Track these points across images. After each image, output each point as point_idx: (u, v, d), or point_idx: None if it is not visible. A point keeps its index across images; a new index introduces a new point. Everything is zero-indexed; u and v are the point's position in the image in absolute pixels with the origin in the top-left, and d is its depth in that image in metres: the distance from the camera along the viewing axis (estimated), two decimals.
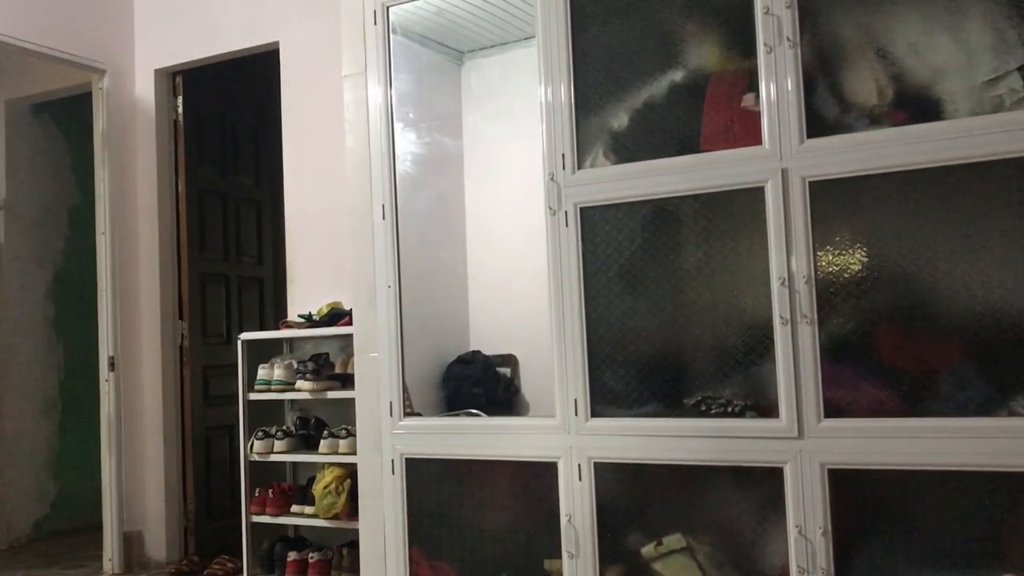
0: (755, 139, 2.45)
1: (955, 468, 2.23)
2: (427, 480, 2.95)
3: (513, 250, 3.56)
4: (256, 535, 4.02)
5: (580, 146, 2.69)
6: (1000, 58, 2.22)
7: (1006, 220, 2.23)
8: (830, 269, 2.37)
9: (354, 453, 3.34)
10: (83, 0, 4.59)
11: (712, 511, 2.55)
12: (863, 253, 2.36)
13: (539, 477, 2.73)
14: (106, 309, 4.50)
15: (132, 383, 4.63)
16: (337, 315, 3.92)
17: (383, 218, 3.02)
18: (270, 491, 3.94)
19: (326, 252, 4.15)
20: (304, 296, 4.24)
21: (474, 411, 3.25)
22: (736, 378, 2.50)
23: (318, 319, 3.96)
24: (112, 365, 4.49)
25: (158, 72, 4.76)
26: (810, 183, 2.37)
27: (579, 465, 2.65)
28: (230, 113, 5.15)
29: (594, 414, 2.64)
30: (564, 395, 2.68)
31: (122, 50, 4.75)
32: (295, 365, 3.95)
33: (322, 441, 3.78)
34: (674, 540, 2.54)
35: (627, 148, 2.66)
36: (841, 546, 2.32)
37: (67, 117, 5.60)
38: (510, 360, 3.65)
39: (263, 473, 4.07)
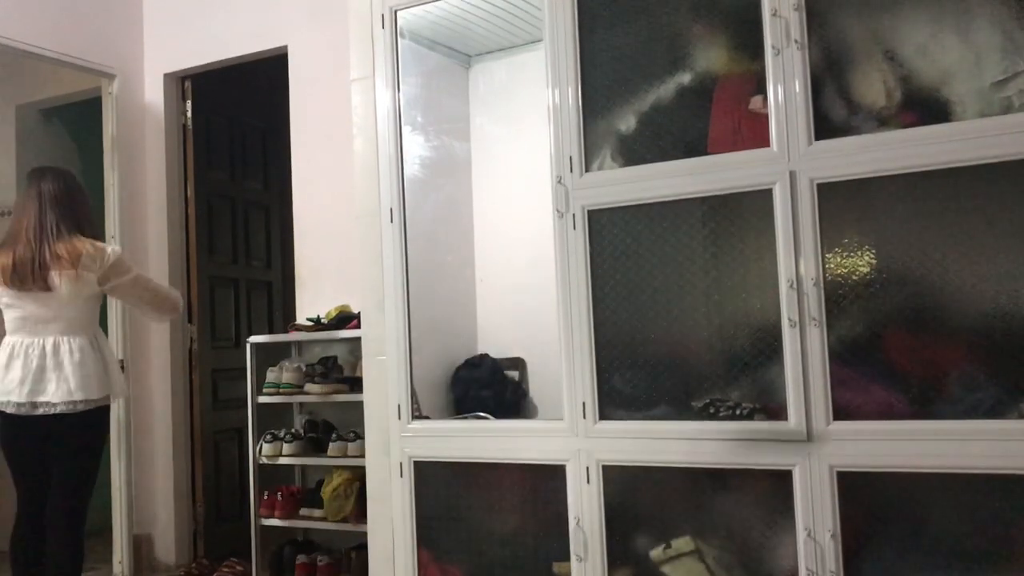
0: (763, 141, 2.45)
1: (965, 471, 2.22)
2: (436, 483, 2.95)
3: (521, 253, 3.56)
4: (265, 538, 4.02)
5: (588, 149, 2.69)
6: (1009, 59, 2.22)
7: (1015, 221, 2.22)
8: (839, 271, 2.36)
9: (363, 456, 3.34)
10: (92, 5, 4.61)
11: (721, 514, 2.55)
12: (872, 255, 2.36)
13: (547, 480, 2.73)
14: (116, 312, 4.51)
15: (141, 386, 4.65)
16: (345, 318, 3.92)
17: (391, 221, 3.03)
18: (279, 494, 3.95)
19: (334, 255, 4.15)
20: (312, 299, 4.25)
21: (482, 414, 3.25)
22: (745, 381, 2.49)
23: (326, 322, 3.96)
24: (121, 368, 4.50)
25: (167, 76, 4.77)
26: (818, 185, 2.37)
27: (587, 468, 2.65)
28: (239, 117, 5.17)
29: (602, 417, 2.64)
30: (572, 398, 2.67)
31: (131, 55, 4.77)
32: (304, 368, 3.95)
33: (331, 444, 3.78)
34: (683, 543, 2.54)
35: (635, 151, 2.66)
36: (850, 549, 2.32)
37: (77, 122, 5.61)
38: (518, 363, 3.65)
39: (272, 476, 4.08)
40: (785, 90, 2.41)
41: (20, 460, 3.09)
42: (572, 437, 2.68)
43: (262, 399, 4.02)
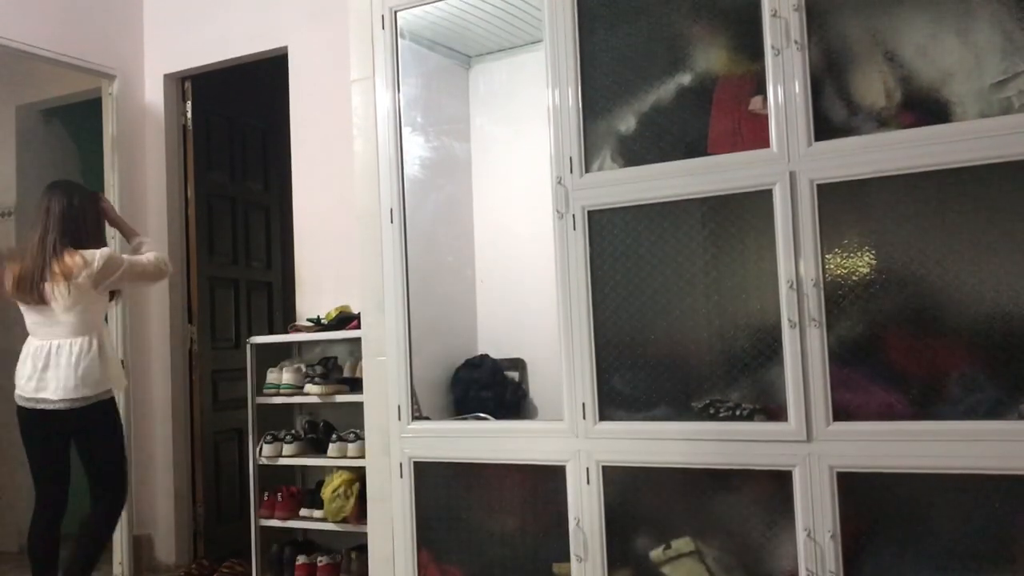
0: (763, 142, 2.45)
1: (964, 471, 2.22)
2: (435, 483, 2.95)
3: (521, 253, 3.56)
4: (265, 539, 4.02)
5: (588, 149, 2.69)
6: (1009, 60, 2.22)
7: (1015, 222, 2.22)
8: (838, 272, 2.36)
9: (363, 457, 3.35)
10: (92, 6, 4.61)
11: (721, 514, 2.55)
12: (871, 256, 2.36)
13: (547, 481, 2.74)
14: (116, 313, 4.51)
15: (141, 387, 4.64)
16: (346, 319, 3.92)
17: (391, 222, 3.03)
18: (279, 495, 3.95)
19: (334, 256, 4.15)
20: (313, 300, 4.24)
21: (482, 415, 3.25)
22: (745, 381, 2.50)
23: (327, 323, 3.96)
24: (122, 366, 4.50)
25: (167, 77, 4.77)
26: (818, 186, 2.37)
27: (587, 469, 2.65)
28: (239, 118, 5.17)
29: (602, 417, 2.64)
30: (572, 398, 2.68)
31: (132, 55, 4.77)
32: (304, 369, 3.95)
33: (331, 445, 3.78)
34: (683, 543, 2.54)
35: (634, 151, 2.66)
36: (850, 549, 2.32)
37: (77, 122, 5.61)
38: (518, 364, 3.65)
39: (272, 477, 4.07)
40: (785, 91, 2.41)
41: (34, 451, 3.39)
42: (572, 438, 2.68)
43: (262, 400, 4.02)
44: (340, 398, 3.82)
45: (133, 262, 3.40)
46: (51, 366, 3.26)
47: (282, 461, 3.96)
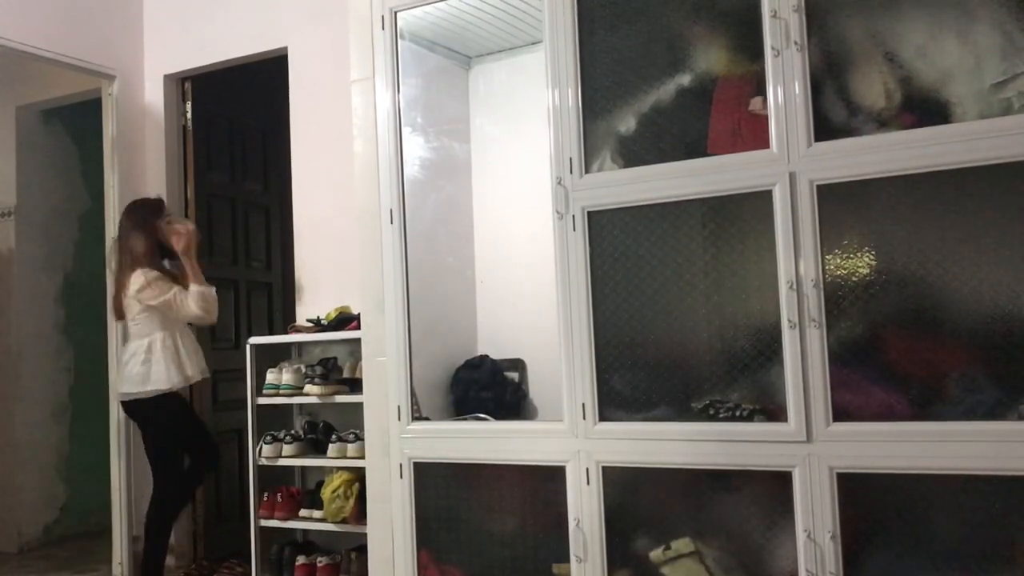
0: (763, 143, 2.45)
1: (964, 472, 2.22)
2: (435, 484, 2.95)
3: (521, 254, 3.56)
4: (265, 539, 4.02)
5: (587, 150, 2.69)
6: (1009, 60, 2.22)
7: (1015, 223, 2.22)
8: (838, 272, 2.36)
9: (362, 457, 3.35)
10: (92, 6, 4.61)
11: (721, 515, 2.55)
12: (871, 256, 2.36)
13: (547, 481, 2.73)
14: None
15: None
16: (345, 319, 3.92)
17: (391, 222, 3.03)
18: (279, 495, 3.95)
19: (334, 256, 4.15)
20: (312, 300, 4.24)
21: (482, 415, 3.25)
22: (744, 382, 2.49)
23: (326, 323, 3.96)
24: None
25: (167, 78, 4.77)
26: (818, 187, 2.37)
27: (587, 469, 2.65)
28: (239, 118, 5.16)
29: (602, 418, 2.64)
30: (572, 399, 2.67)
31: (131, 56, 4.77)
32: (303, 369, 3.95)
33: (330, 445, 3.78)
34: (683, 544, 2.54)
35: (634, 152, 2.66)
36: (850, 550, 2.32)
37: (77, 123, 5.62)
38: (518, 364, 3.65)
39: (272, 477, 4.07)
40: (785, 91, 2.41)
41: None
42: (572, 438, 2.68)
43: (262, 400, 4.02)
44: (340, 398, 3.83)
45: (176, 301, 3.78)
46: (123, 366, 3.90)
47: (282, 462, 3.96)
